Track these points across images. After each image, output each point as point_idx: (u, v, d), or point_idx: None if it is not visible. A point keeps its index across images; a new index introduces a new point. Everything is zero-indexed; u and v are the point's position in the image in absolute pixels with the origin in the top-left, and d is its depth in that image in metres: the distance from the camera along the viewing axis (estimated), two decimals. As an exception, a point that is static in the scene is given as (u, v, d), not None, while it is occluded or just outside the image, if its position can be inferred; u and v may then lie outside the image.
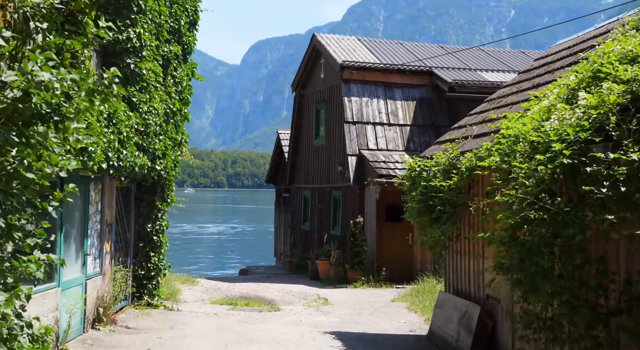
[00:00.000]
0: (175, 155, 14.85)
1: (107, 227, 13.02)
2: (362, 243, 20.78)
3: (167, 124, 14.14)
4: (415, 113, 23.33)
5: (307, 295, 19.03)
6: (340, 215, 23.19)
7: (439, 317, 12.19)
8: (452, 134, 13.02)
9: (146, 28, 12.92)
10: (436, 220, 11.61)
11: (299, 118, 27.79)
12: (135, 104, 12.63)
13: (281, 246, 29.78)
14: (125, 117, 11.92)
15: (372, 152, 22.04)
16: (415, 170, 12.52)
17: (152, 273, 14.78)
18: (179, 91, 14.88)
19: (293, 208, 28.52)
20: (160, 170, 13.83)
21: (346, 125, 22.44)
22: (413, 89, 23.76)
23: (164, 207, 14.91)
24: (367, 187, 21.23)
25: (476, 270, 10.94)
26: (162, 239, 14.96)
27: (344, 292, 19.35)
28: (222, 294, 19.15)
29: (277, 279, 23.09)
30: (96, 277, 12.49)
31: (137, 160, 12.37)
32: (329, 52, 24.06)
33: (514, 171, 7.50)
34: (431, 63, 24.59)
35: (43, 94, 4.99)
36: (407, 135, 22.87)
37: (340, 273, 21.32)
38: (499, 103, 12.13)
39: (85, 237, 11.88)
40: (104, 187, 12.79)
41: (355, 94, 22.99)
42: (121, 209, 14.05)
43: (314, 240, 25.30)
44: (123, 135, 11.64)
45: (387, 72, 23.51)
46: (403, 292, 18.44)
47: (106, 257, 12.98)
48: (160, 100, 13.78)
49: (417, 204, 11.97)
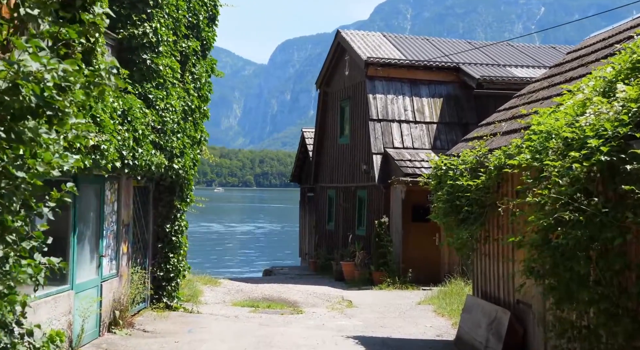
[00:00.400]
0: (195, 153, 14.48)
1: (124, 228, 12.68)
2: (388, 244, 20.28)
3: (185, 121, 13.77)
4: (442, 110, 22.77)
5: (330, 297, 18.59)
6: (365, 215, 22.71)
7: (466, 322, 11.68)
8: (480, 131, 12.50)
9: (163, 23, 12.55)
10: (463, 221, 11.11)
11: (323, 116, 27.34)
12: (151, 101, 12.27)
13: (306, 246, 29.36)
14: (141, 114, 11.55)
15: (398, 150, 21.52)
16: (442, 168, 12.05)
17: (171, 274, 14.43)
18: (198, 88, 14.50)
19: (317, 207, 28.08)
20: (179, 169, 13.46)
21: (371, 123, 21.96)
22: (439, 85, 23.19)
23: (183, 207, 14.55)
24: (393, 186, 20.73)
25: (506, 274, 10.42)
26: (181, 240, 14.60)
27: (369, 294, 18.88)
28: (245, 295, 18.78)
29: (301, 280, 22.67)
30: (112, 279, 12.15)
31: (153, 158, 12.00)
32: (354, 48, 23.58)
33: (546, 169, 7.03)
34: (458, 59, 24.00)
35: (32, 85, 4.59)
36: (434, 133, 22.32)
37: (365, 274, 20.84)
38: (529, 98, 11.59)
39: (101, 238, 11.55)
40: (120, 186, 12.44)
41: (380, 91, 22.49)
42: (139, 209, 13.71)
43: (339, 240, 24.84)
44: (138, 133, 11.27)
45: (412, 68, 22.97)
46: (430, 295, 17.92)
47: (123, 258, 12.64)
48: (178, 97, 13.41)
49: (444, 204, 11.49)
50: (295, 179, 31.24)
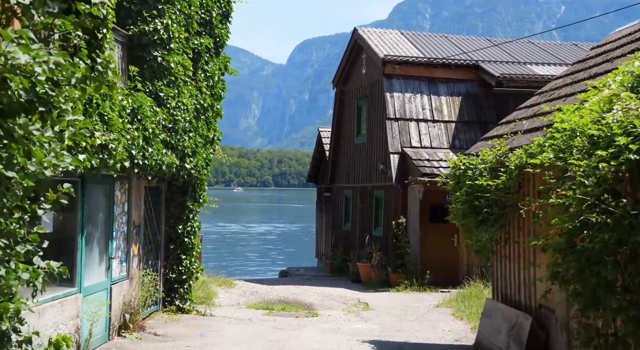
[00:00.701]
0: (207, 153, 14.20)
1: (135, 229, 12.41)
2: (405, 245, 19.91)
3: (197, 120, 13.49)
4: (461, 109, 22.36)
5: (347, 299, 18.25)
6: (382, 216, 22.35)
7: (486, 326, 11.30)
8: (500, 129, 12.11)
9: (174, 19, 12.27)
10: (482, 222, 10.73)
11: (340, 115, 27.00)
12: (162, 99, 11.99)
13: (322, 247, 29.03)
14: (152, 113, 11.28)
15: (415, 150, 21.14)
16: (460, 168, 11.69)
17: (183, 276, 14.15)
18: (211, 86, 14.21)
19: (334, 208, 27.74)
20: (190, 169, 13.18)
21: (388, 122, 21.58)
22: (458, 83, 22.78)
23: (195, 208, 14.27)
24: (410, 186, 20.36)
25: (527, 278, 10.03)
26: (193, 241, 14.32)
27: (386, 297, 18.52)
28: (260, 297, 18.50)
29: (317, 282, 22.35)
30: (123, 282, 11.88)
31: (164, 158, 11.73)
32: (371, 46, 23.22)
33: (571, 169, 6.67)
34: (477, 56, 23.58)
35: (21, 79, 4.29)
36: (452, 132, 21.91)
37: (382, 276, 20.49)
38: (552, 95, 11.18)
39: (110, 240, 11.28)
40: (131, 186, 12.18)
41: (398, 90, 22.11)
42: (150, 210, 13.45)
43: (356, 241, 24.49)
44: (149, 131, 10.99)
45: (431, 66, 22.57)
46: (448, 297, 17.54)
47: (134, 260, 12.37)
48: (190, 96, 13.13)
49: (462, 204, 11.12)
50: (311, 179, 30.91)
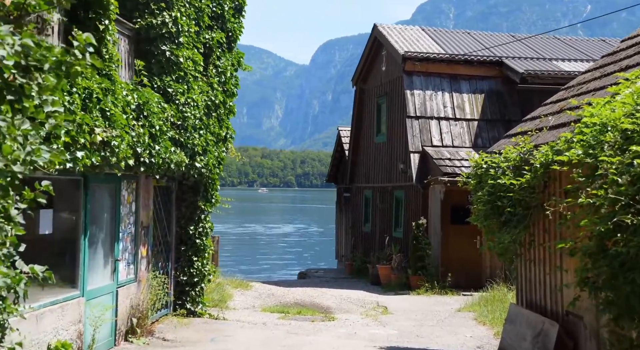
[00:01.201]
0: (219, 151, 13.72)
1: (143, 230, 11.97)
2: (426, 246, 19.32)
3: (208, 117, 13.02)
4: (484, 107, 21.72)
5: (365, 302, 17.71)
6: (402, 216, 21.77)
7: (509, 333, 10.71)
8: (524, 126, 11.52)
9: (183, 12, 11.81)
10: (505, 223, 10.17)
11: (359, 114, 26.44)
12: (171, 95, 11.53)
13: (342, 248, 28.47)
14: (159, 109, 10.82)
15: (437, 148, 20.54)
16: (482, 167, 11.14)
17: (195, 279, 13.69)
18: (223, 82, 13.73)
19: (354, 208, 27.18)
20: (201, 167, 12.71)
21: (408, 120, 21.00)
22: (481, 80, 22.13)
23: (207, 208, 13.81)
24: (431, 186, 19.78)
25: (553, 282, 9.43)
26: (205, 242, 13.86)
27: (406, 300, 17.96)
28: (276, 300, 18.01)
29: (335, 284, 21.82)
30: (130, 285, 11.44)
31: (172, 156, 11.26)
32: (391, 42, 22.64)
33: (602, 166, 6.12)
34: (501, 53, 22.91)
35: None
36: (475, 130, 21.28)
37: (402, 278, 19.92)
38: (580, 90, 10.57)
39: (116, 241, 10.84)
40: (139, 186, 11.74)
41: (419, 87, 21.52)
42: (160, 210, 13.01)
43: (375, 242, 23.92)
44: (155, 128, 10.54)
45: (452, 63, 21.94)
46: (470, 301, 16.95)
47: (142, 262, 11.93)
48: (201, 92, 12.66)
49: (484, 205, 10.56)
50: (331, 179, 30.35)
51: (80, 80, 8.06)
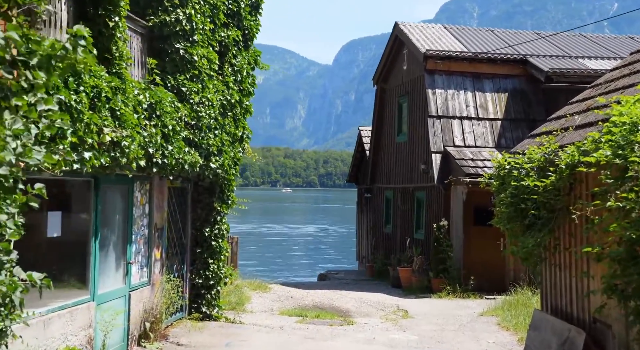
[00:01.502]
0: (235, 152, 13.44)
1: (157, 232, 11.72)
2: (447, 248, 18.93)
3: (223, 117, 12.75)
4: (507, 106, 21.26)
5: (385, 306, 17.36)
6: (423, 218, 21.38)
7: (534, 340, 10.32)
8: (549, 125, 11.11)
9: (198, 9, 11.54)
10: (529, 227, 9.79)
11: (380, 113, 26.06)
12: (184, 94, 11.27)
13: (363, 249, 28.11)
14: (172, 108, 10.56)
15: (459, 149, 20.13)
16: (504, 168, 10.76)
17: (210, 282, 13.43)
18: (239, 81, 13.46)
19: (374, 209, 26.82)
20: (216, 168, 12.44)
21: (430, 119, 20.60)
22: (505, 79, 21.67)
23: (223, 209, 13.54)
24: (453, 187, 19.38)
25: (580, 288, 9.04)
26: (221, 244, 13.59)
27: (427, 303, 17.57)
28: (294, 302, 17.71)
29: (355, 286, 21.48)
30: (143, 288, 11.19)
31: (186, 157, 11.00)
32: (412, 41, 22.25)
33: (632, 168, 5.77)
34: (525, 51, 22.42)
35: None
36: (498, 130, 20.83)
37: (423, 281, 19.53)
38: (608, 88, 10.15)
39: (129, 244, 10.60)
40: (153, 187, 11.49)
41: (440, 86, 21.12)
42: (175, 212, 12.76)
43: (396, 244, 23.55)
44: (168, 128, 10.27)
45: (475, 61, 21.50)
46: (493, 305, 16.53)
47: (155, 265, 11.68)
48: (216, 91, 12.40)
49: (507, 207, 10.17)
50: (352, 180, 30.01)
51: (88, 79, 7.81)
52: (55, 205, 9.16)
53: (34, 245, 9.09)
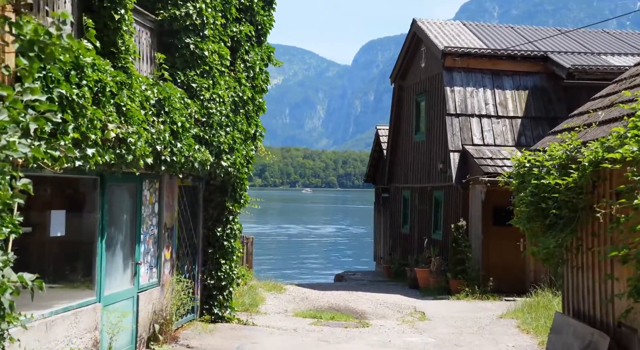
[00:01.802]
0: (248, 150, 13.15)
1: (167, 232, 11.46)
2: (466, 249, 18.54)
3: (235, 114, 12.46)
4: (528, 104, 20.82)
5: (402, 307, 17.01)
6: (442, 218, 21.00)
7: (555, 344, 9.94)
8: (571, 122, 10.72)
9: (209, 3, 11.26)
10: (550, 227, 9.41)
11: (398, 112, 25.69)
12: (195, 90, 10.99)
13: (381, 250, 27.73)
14: (182, 104, 10.28)
15: (477, 147, 19.73)
16: (524, 165, 10.40)
17: (222, 283, 13.14)
18: (252, 77, 13.16)
19: (392, 209, 26.45)
20: (228, 166, 12.15)
21: (448, 118, 20.21)
22: (525, 76, 21.23)
23: (235, 209, 13.25)
24: (472, 186, 18.98)
25: (604, 291, 8.65)
26: (234, 245, 13.30)
27: (445, 305, 17.20)
28: (310, 304, 17.40)
29: (372, 287, 21.14)
30: (152, 289, 10.92)
31: (196, 155, 10.72)
32: (430, 38, 21.86)
33: (661, 164, 5.37)
34: (546, 47, 21.98)
35: None
36: (518, 128, 20.40)
37: (441, 282, 19.16)
38: (633, 82, 9.76)
39: (137, 244, 10.33)
40: (162, 186, 11.23)
41: (459, 83, 20.72)
42: (186, 211, 12.49)
43: (414, 244, 23.18)
44: (177, 125, 9.99)
45: (494, 58, 21.07)
46: (513, 307, 16.13)
47: (165, 265, 11.41)
48: (227, 87, 12.11)
49: (527, 206, 9.81)
50: (369, 179, 29.64)
51: (92, 73, 7.53)
52: (60, 204, 8.92)
53: (39, 245, 8.86)
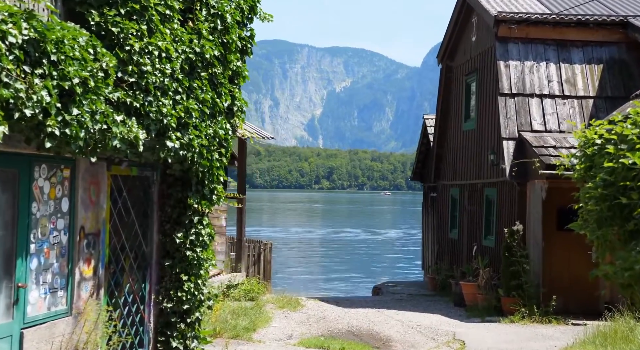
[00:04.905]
0: (216, 128, 9.83)
1: (86, 239, 8.25)
2: (522, 260, 14.93)
3: (191, 77, 9.17)
4: (602, 80, 17.00)
5: (438, 333, 13.51)
6: (494, 221, 17.35)
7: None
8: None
9: None
10: (635, 234, 5.92)
11: (446, 98, 22.06)
12: (117, 37, 7.75)
13: (428, 258, 24.06)
14: (86, 53, 7.04)
15: (538, 134, 16.07)
16: (595, 143, 6.94)
17: (185, 306, 9.86)
18: (220, 31, 9.83)
19: (439, 210, 22.80)
20: (179, 149, 8.86)
21: (501, 99, 16.58)
22: (599, 47, 17.39)
23: (203, 208, 9.96)
24: (530, 183, 15.37)
25: None
26: (201, 255, 10.01)
27: (493, 331, 13.63)
28: (325, 326, 14.10)
29: (409, 304, 17.64)
30: (55, 321, 7.71)
31: (115, 128, 7.47)
32: (481, 3, 18.17)
33: None
34: (626, 10, 18.08)
35: None
36: (590, 110, 16.61)
37: (491, 300, 15.60)
38: None
39: (21, 257, 7.15)
40: (76, 173, 8.05)
41: (515, 57, 17.04)
42: (128, 210, 9.29)
43: (463, 252, 19.57)
44: (72, 82, 6.76)
45: (560, 25, 17.25)
46: (582, 335, 12.44)
47: (83, 286, 8.20)
48: (176, 40, 8.84)
49: (597, 203, 6.37)
50: (416, 177, 25.91)
51: None
52: None
53: None
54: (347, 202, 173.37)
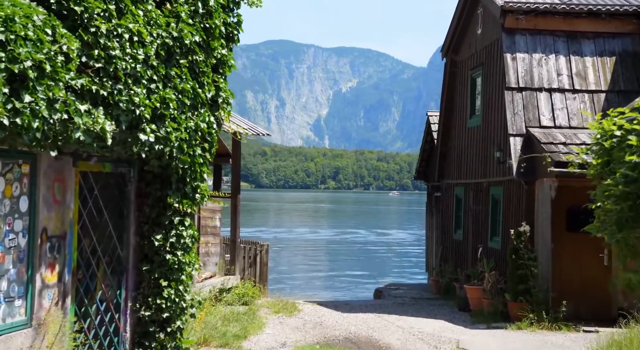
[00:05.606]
0: (198, 120, 9.04)
1: (49, 241, 7.48)
2: (530, 262, 14.11)
3: (168, 65, 8.39)
4: (615, 74, 16.16)
5: (441, 340, 12.73)
6: (500, 221, 16.53)
7: None
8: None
9: None
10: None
11: (450, 93, 21.23)
12: (79, 16, 6.98)
13: (432, 259, 23.22)
14: (42, 34, 6.27)
15: (547, 130, 15.25)
16: (613, 135, 6.17)
17: (165, 314, 9.09)
18: (201, 14, 9.06)
19: (443, 211, 21.97)
20: (153, 142, 8.08)
21: (508, 93, 15.75)
22: (611, 39, 16.52)
23: (184, 207, 9.19)
24: (539, 181, 14.54)
25: None
26: (182, 259, 9.24)
27: (499, 339, 12.82)
28: (321, 333, 13.33)
29: (412, 308, 16.82)
30: (11, 334, 6.95)
31: (77, 119, 6.70)
32: (487, -7, 17.36)
33: None
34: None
35: None
36: (602, 105, 15.74)
37: (497, 305, 14.77)
38: None
39: (-30, 261, 6.39)
40: (38, 170, 7.29)
41: (523, 49, 16.21)
42: (101, 210, 8.53)
43: (468, 254, 18.75)
44: (24, 65, 6.00)
45: (571, 15, 16.39)
46: (595, 343, 11.52)
47: (44, 294, 7.43)
48: (150, 23, 8.06)
49: (617, 202, 5.61)
50: (420, 176, 25.07)
51: None
52: None
53: None
54: (353, 202, 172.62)
